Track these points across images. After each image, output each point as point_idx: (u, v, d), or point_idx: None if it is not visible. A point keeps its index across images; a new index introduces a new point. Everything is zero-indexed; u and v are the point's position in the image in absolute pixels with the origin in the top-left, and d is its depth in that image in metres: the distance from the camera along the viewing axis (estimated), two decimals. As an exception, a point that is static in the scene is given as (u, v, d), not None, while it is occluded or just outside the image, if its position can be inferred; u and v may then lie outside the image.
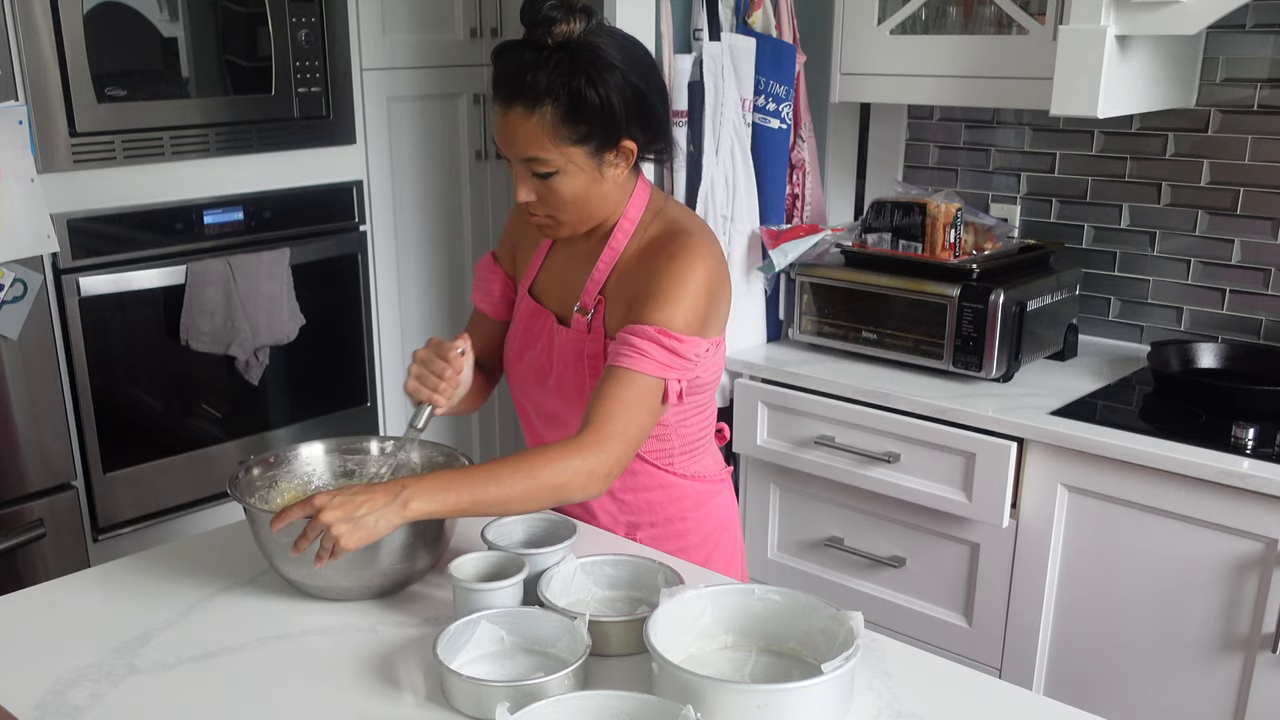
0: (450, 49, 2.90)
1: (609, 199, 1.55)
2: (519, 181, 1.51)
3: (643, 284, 1.51)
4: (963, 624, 2.35)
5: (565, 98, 1.43)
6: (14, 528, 2.29)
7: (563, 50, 1.44)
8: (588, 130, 1.46)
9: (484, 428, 3.24)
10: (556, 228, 1.56)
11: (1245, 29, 2.32)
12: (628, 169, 1.54)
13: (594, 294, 1.57)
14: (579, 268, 1.61)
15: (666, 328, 1.46)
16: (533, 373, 1.65)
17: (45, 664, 1.31)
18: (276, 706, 1.24)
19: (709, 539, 1.73)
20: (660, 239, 1.55)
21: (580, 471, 1.39)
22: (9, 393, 2.26)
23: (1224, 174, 2.41)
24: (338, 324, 2.80)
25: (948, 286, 2.33)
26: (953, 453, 2.24)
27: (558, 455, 1.40)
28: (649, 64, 1.53)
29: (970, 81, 2.40)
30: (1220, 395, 2.16)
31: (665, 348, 1.46)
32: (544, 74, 1.43)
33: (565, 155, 1.47)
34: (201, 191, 2.50)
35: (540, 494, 1.39)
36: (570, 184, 1.49)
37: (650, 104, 1.51)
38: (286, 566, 1.44)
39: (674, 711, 1.09)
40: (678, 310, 1.48)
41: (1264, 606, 1.95)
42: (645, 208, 1.59)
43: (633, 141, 1.50)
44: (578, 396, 1.59)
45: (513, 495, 1.38)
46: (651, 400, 1.46)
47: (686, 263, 1.50)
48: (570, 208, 1.52)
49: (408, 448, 1.60)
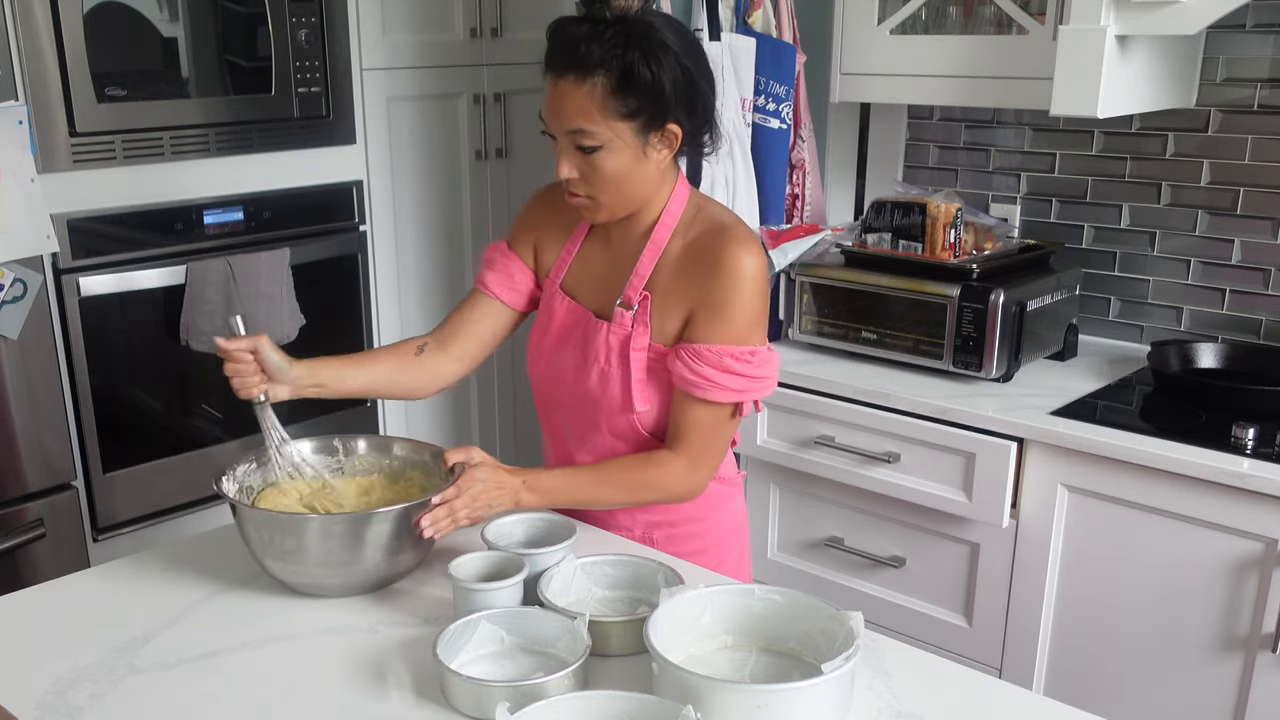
0: (450, 49, 2.90)
1: (649, 184, 1.54)
2: (562, 156, 1.50)
3: (696, 294, 1.53)
4: (963, 624, 2.35)
5: (618, 70, 1.44)
6: (14, 528, 2.29)
7: (619, 24, 1.44)
8: (637, 106, 1.46)
9: (484, 427, 3.24)
10: (595, 209, 1.55)
11: (1245, 29, 2.32)
12: (671, 155, 1.54)
13: (639, 288, 1.57)
14: (619, 264, 1.61)
15: (735, 344, 1.52)
16: (569, 371, 1.64)
17: (45, 664, 1.32)
18: (276, 706, 1.25)
19: (723, 541, 1.73)
20: (704, 236, 1.55)
21: (677, 489, 1.59)
22: (9, 393, 2.26)
23: (1224, 174, 2.41)
24: (338, 324, 2.80)
25: (948, 286, 2.33)
26: (953, 453, 2.24)
27: (655, 478, 1.57)
28: (700, 51, 1.53)
29: (970, 81, 2.40)
30: (1220, 395, 2.16)
31: (734, 372, 1.52)
32: (598, 46, 1.43)
33: (612, 129, 1.46)
34: (201, 191, 2.50)
35: (632, 503, 1.63)
36: (614, 161, 1.48)
37: (699, 90, 1.51)
38: (274, 565, 1.45)
39: (674, 711, 1.09)
40: (738, 321, 1.52)
41: (1264, 606, 1.95)
42: (686, 204, 1.59)
43: (678, 126, 1.50)
44: (621, 391, 1.58)
45: (608, 503, 1.62)
46: (731, 420, 1.59)
47: (738, 265, 1.51)
48: (611, 187, 1.51)
49: (285, 452, 1.58)
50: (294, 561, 1.43)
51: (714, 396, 1.53)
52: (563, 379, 1.65)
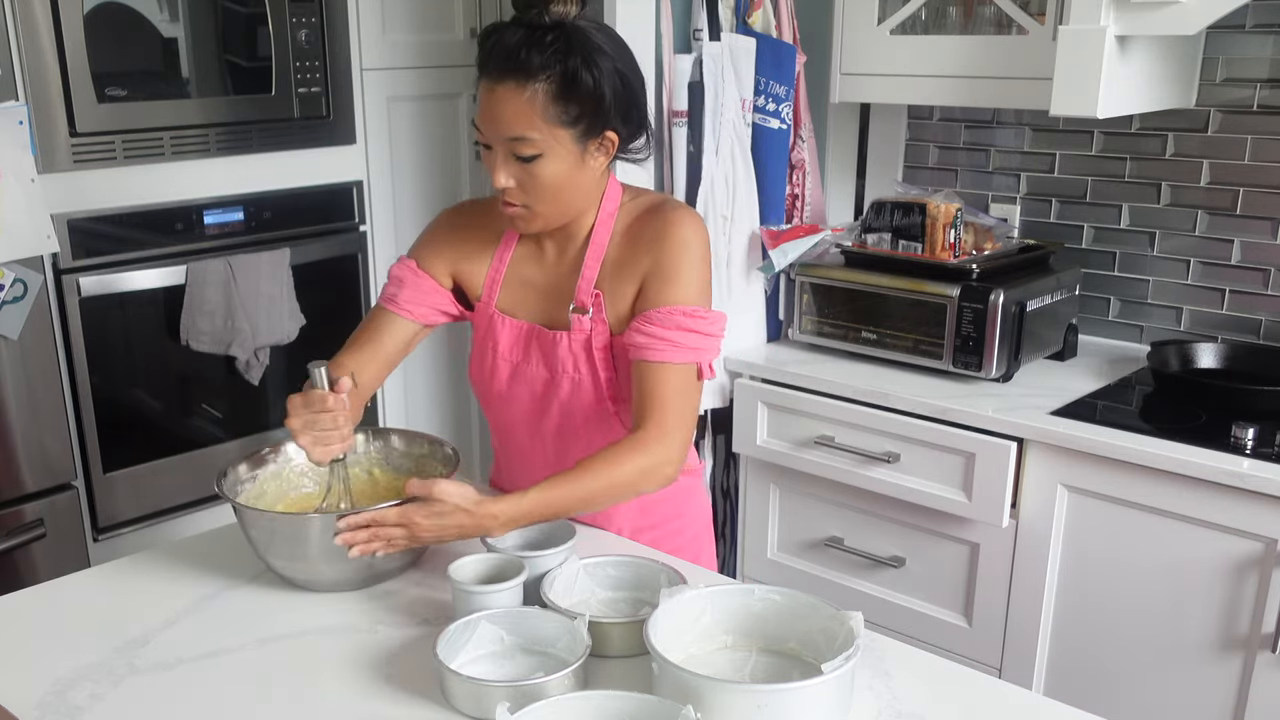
0: (450, 49, 2.90)
1: (586, 192, 1.53)
2: (498, 166, 1.47)
3: (643, 264, 1.52)
4: (963, 624, 2.35)
5: (559, 76, 1.42)
6: (14, 528, 2.29)
7: (558, 30, 1.43)
8: (578, 113, 1.45)
9: (484, 426, 3.24)
10: (530, 219, 1.52)
11: (1245, 29, 2.32)
12: (607, 162, 1.53)
13: (589, 291, 1.56)
14: (562, 271, 1.59)
15: (685, 305, 1.49)
16: (537, 388, 1.61)
17: (45, 664, 1.32)
18: (276, 706, 1.25)
19: (700, 535, 1.75)
20: (642, 216, 1.55)
21: (652, 466, 1.47)
22: (9, 393, 2.26)
23: (1224, 174, 2.41)
24: (338, 324, 2.80)
25: (947, 286, 2.33)
26: (953, 453, 2.24)
27: (627, 455, 1.46)
28: (632, 58, 1.52)
29: (970, 81, 2.40)
30: (1220, 395, 2.16)
31: (689, 329, 1.49)
32: (538, 52, 1.41)
33: (553, 137, 1.45)
34: (201, 191, 2.50)
35: (616, 492, 1.48)
36: (552, 168, 1.47)
37: (635, 97, 1.51)
38: (277, 561, 1.46)
39: (674, 711, 1.09)
40: (689, 283, 1.50)
41: (1264, 606, 1.95)
42: (620, 200, 1.59)
43: (615, 133, 1.50)
44: (594, 395, 1.58)
45: (592, 500, 1.47)
46: (692, 382, 1.52)
47: (679, 231, 1.52)
48: (549, 195, 1.49)
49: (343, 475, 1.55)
50: (301, 558, 1.44)
51: (672, 357, 1.48)
52: (529, 398, 1.62)
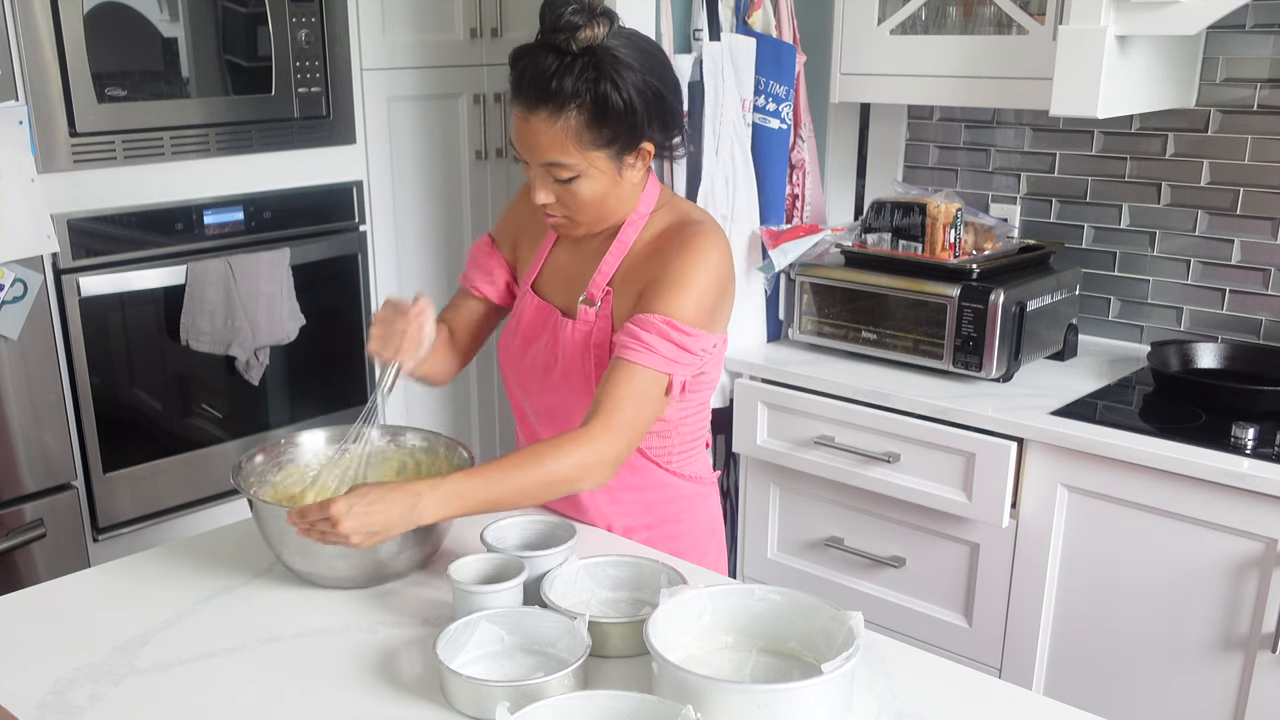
0: (450, 49, 2.90)
1: (626, 200, 1.56)
2: (537, 185, 1.51)
3: (653, 272, 1.52)
4: (963, 624, 2.35)
5: (591, 103, 1.43)
6: (14, 528, 2.29)
7: (586, 55, 1.43)
8: (612, 135, 1.46)
9: (484, 425, 3.24)
10: (573, 228, 1.57)
11: (1245, 29, 2.32)
12: (645, 169, 1.55)
13: (602, 286, 1.57)
14: (586, 262, 1.61)
15: (675, 318, 1.47)
16: (537, 368, 1.65)
17: (45, 664, 1.32)
18: (276, 706, 1.25)
19: (701, 542, 1.73)
20: (670, 229, 1.56)
21: (587, 460, 1.42)
22: (9, 393, 2.26)
23: (1224, 174, 2.41)
24: (338, 324, 2.80)
25: (948, 286, 2.33)
26: (953, 453, 2.24)
27: (565, 446, 1.42)
28: (663, 61, 1.53)
29: (970, 81, 2.40)
30: (1220, 395, 2.16)
31: (673, 342, 1.47)
32: (569, 79, 1.42)
33: (588, 160, 1.47)
34: (201, 191, 2.50)
35: (550, 485, 1.42)
36: (590, 187, 1.50)
37: (668, 103, 1.52)
38: (291, 557, 1.47)
39: (674, 711, 1.09)
40: (688, 299, 1.49)
41: (1264, 606, 1.95)
42: (656, 202, 1.59)
43: (651, 143, 1.51)
44: (583, 388, 1.58)
45: (525, 489, 1.41)
46: (657, 393, 1.48)
47: (698, 251, 1.51)
48: (589, 209, 1.53)
49: (372, 425, 1.62)
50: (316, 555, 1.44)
51: (641, 360, 1.45)
52: (533, 376, 1.66)
